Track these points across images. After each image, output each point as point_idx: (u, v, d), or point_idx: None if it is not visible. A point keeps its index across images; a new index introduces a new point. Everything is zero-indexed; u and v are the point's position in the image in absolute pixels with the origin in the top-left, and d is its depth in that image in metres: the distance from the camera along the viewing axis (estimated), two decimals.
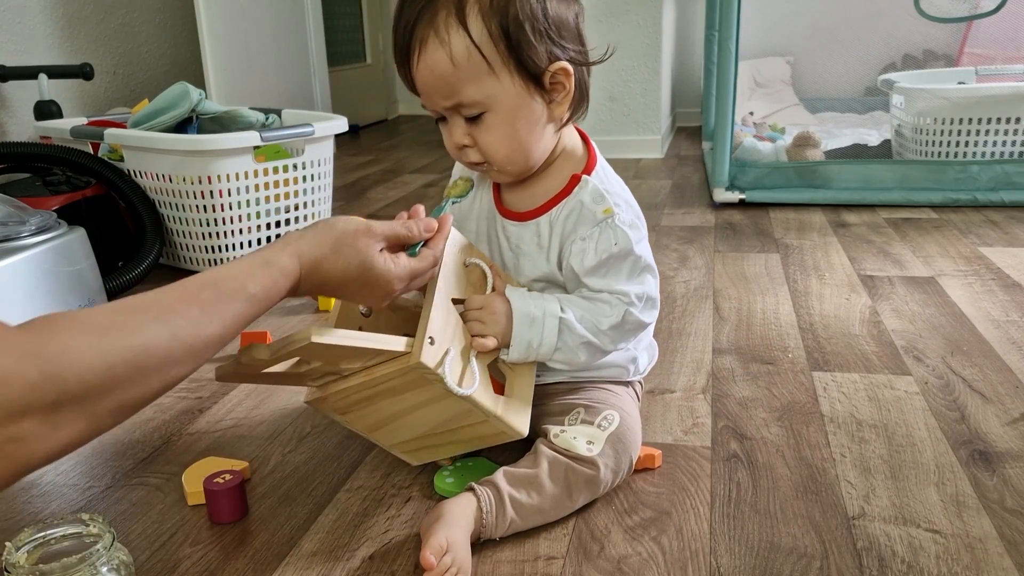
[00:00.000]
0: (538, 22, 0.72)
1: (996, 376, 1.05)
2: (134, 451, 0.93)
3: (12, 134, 2.08)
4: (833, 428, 0.93)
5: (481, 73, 0.72)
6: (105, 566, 0.63)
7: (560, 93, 0.76)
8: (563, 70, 0.75)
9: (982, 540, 0.72)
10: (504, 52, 0.72)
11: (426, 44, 0.72)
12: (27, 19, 2.11)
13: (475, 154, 0.78)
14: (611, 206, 0.78)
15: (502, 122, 0.75)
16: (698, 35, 3.43)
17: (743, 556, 0.71)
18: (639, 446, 0.83)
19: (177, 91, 1.62)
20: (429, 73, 0.73)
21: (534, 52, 0.73)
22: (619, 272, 0.79)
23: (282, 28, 2.76)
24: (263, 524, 0.78)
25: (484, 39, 0.71)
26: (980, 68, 2.44)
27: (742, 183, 2.07)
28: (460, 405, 0.73)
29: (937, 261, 1.55)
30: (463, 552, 0.68)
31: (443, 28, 0.71)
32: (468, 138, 0.77)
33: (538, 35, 0.73)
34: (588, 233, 0.78)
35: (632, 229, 0.79)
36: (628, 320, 0.79)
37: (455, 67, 0.72)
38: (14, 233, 1.14)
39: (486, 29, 0.71)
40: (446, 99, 0.74)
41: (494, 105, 0.74)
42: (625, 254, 0.78)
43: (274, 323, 1.33)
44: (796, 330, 1.23)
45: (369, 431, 0.79)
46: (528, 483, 0.74)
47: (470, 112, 0.75)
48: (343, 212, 2.05)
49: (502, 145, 0.76)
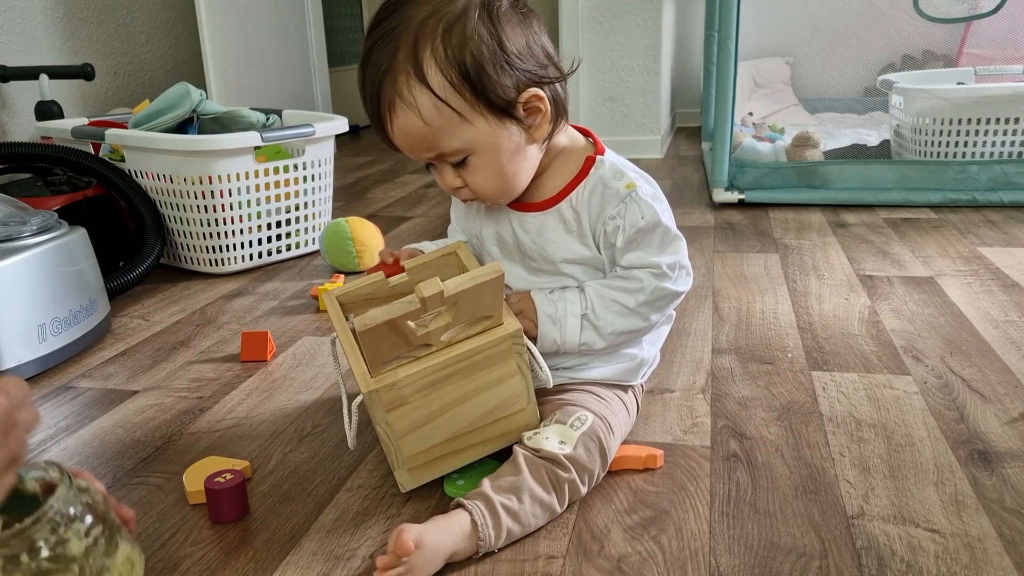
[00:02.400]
0: (496, 57, 0.72)
1: (995, 376, 1.05)
2: (135, 450, 0.93)
3: (13, 134, 2.09)
4: (832, 428, 0.93)
5: (454, 123, 0.73)
6: (72, 510, 0.58)
7: (537, 116, 0.77)
8: (535, 96, 0.75)
9: (981, 540, 0.72)
10: (471, 98, 0.72)
11: (395, 109, 0.73)
12: (28, 19, 2.11)
13: (468, 192, 0.80)
14: (632, 179, 0.81)
15: (487, 161, 0.76)
16: (698, 35, 3.43)
17: (742, 555, 0.71)
18: (615, 445, 0.83)
19: (178, 91, 1.63)
20: (405, 135, 0.74)
21: (500, 88, 0.73)
22: (650, 245, 0.81)
23: (283, 28, 2.76)
24: (264, 523, 0.78)
25: (448, 92, 0.72)
26: (979, 68, 2.45)
27: (741, 183, 2.08)
28: (514, 388, 0.77)
29: (936, 261, 1.55)
30: (426, 561, 0.67)
31: (406, 91, 0.71)
32: (459, 180, 0.78)
33: (500, 70, 0.73)
34: (616, 211, 0.80)
35: (655, 201, 0.81)
36: (660, 293, 0.81)
37: (428, 125, 0.73)
38: (15, 233, 1.14)
39: (447, 81, 0.71)
40: (428, 152, 0.76)
41: (475, 148, 0.75)
42: (653, 226, 0.80)
43: (274, 323, 1.33)
44: (795, 330, 1.23)
45: (407, 431, 0.76)
46: (515, 489, 0.73)
47: (454, 159, 0.76)
48: (343, 212, 2.05)
49: (491, 182, 0.78)
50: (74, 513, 0.58)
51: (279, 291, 1.50)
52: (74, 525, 0.58)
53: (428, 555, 0.67)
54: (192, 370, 1.15)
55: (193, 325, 1.34)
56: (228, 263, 1.59)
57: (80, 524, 0.58)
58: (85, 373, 1.16)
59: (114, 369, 1.17)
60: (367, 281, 0.83)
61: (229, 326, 1.32)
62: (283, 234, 1.66)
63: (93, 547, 0.58)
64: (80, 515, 0.59)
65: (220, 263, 1.59)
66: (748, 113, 2.81)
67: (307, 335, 1.27)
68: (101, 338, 1.28)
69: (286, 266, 1.66)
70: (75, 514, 0.58)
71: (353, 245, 1.56)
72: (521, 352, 0.77)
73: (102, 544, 0.59)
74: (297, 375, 1.12)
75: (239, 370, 1.15)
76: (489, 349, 0.75)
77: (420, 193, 2.36)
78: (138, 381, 1.12)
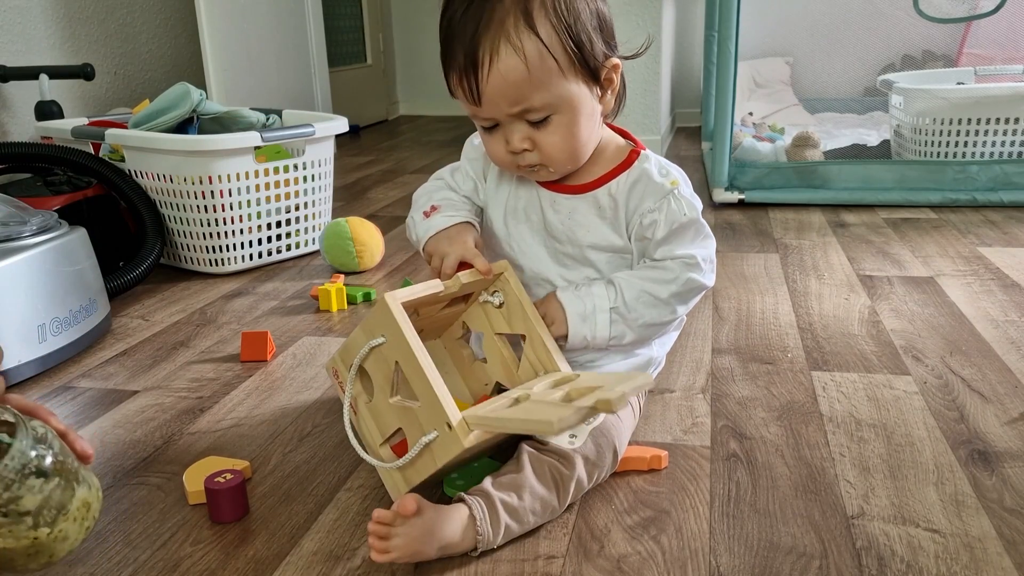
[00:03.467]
0: (595, 20, 0.76)
1: (995, 376, 1.05)
2: (135, 450, 0.93)
3: (13, 134, 2.09)
4: (832, 428, 0.93)
5: (553, 75, 0.73)
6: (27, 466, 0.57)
7: (609, 88, 0.80)
8: (615, 66, 0.78)
9: (981, 540, 0.72)
10: (571, 53, 0.74)
11: (498, 52, 0.71)
12: (28, 20, 2.11)
13: (533, 156, 0.79)
14: (676, 178, 0.82)
15: (568, 122, 0.77)
16: (698, 35, 3.43)
17: (742, 555, 0.71)
18: (625, 442, 0.83)
19: (178, 91, 1.63)
20: (502, 81, 0.72)
21: (595, 50, 0.76)
22: (683, 238, 0.82)
23: (283, 28, 2.76)
24: (264, 523, 0.78)
25: (554, 41, 0.72)
26: (979, 68, 2.45)
27: (741, 183, 2.08)
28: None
29: (936, 261, 1.55)
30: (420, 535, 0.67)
31: (514, 34, 0.71)
32: (528, 142, 0.77)
33: (596, 33, 0.76)
34: (656, 205, 0.81)
35: (695, 199, 0.83)
36: (691, 284, 0.82)
37: (529, 72, 0.72)
38: (15, 233, 1.14)
39: (554, 32, 0.72)
40: (513, 105, 0.74)
41: (562, 106, 0.75)
42: (692, 223, 0.82)
43: (274, 323, 1.33)
44: (795, 330, 1.23)
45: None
46: (516, 486, 0.73)
47: (538, 116, 0.75)
48: (343, 212, 2.05)
49: (566, 144, 0.78)
50: (28, 469, 0.58)
51: (279, 291, 1.50)
52: (28, 481, 0.58)
53: (423, 529, 0.67)
54: (192, 370, 1.15)
55: (193, 325, 1.34)
56: (228, 263, 1.59)
57: (34, 480, 0.58)
58: (85, 373, 1.16)
59: (114, 369, 1.17)
60: (423, 291, 0.78)
61: (229, 326, 1.32)
62: (283, 234, 1.66)
63: (47, 500, 0.59)
64: (35, 469, 0.58)
65: (220, 263, 1.59)
66: (748, 113, 2.80)
67: (307, 335, 1.27)
68: (101, 338, 1.28)
69: (286, 266, 1.66)
70: (29, 470, 0.58)
71: (353, 245, 1.56)
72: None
73: (57, 495, 0.59)
74: (297, 375, 1.12)
75: (239, 370, 1.15)
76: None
77: None
78: (138, 381, 1.12)
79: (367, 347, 0.76)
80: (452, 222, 0.85)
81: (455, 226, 0.85)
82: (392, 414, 0.76)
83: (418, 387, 0.72)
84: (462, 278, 0.80)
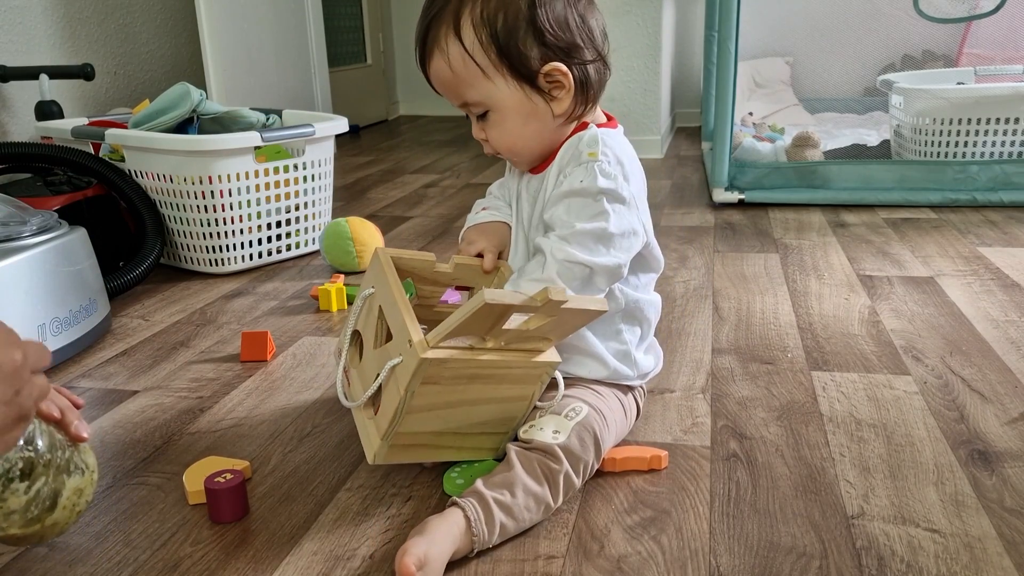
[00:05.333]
0: (529, 28, 0.78)
1: (995, 376, 1.05)
2: (135, 450, 0.93)
3: (13, 134, 2.09)
4: (832, 428, 0.93)
5: (476, 78, 0.80)
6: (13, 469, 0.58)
7: (560, 90, 0.81)
8: (557, 69, 0.80)
9: (981, 540, 0.72)
10: (495, 58, 0.79)
11: (432, 53, 0.81)
12: (28, 19, 2.11)
13: (488, 146, 0.86)
14: (599, 152, 0.81)
15: (503, 119, 0.83)
16: (698, 35, 3.43)
17: (742, 555, 0.71)
18: (609, 439, 0.83)
19: (178, 91, 1.63)
20: (436, 79, 0.83)
21: (523, 57, 0.79)
22: (568, 207, 0.81)
23: (283, 28, 2.76)
24: (264, 523, 0.78)
25: (475, 47, 0.79)
26: (979, 68, 2.45)
27: (741, 183, 2.08)
28: (517, 411, 0.80)
29: (936, 261, 1.55)
30: (435, 572, 0.67)
31: (443, 39, 0.80)
32: (482, 132, 0.85)
33: (528, 40, 0.78)
34: (570, 171, 0.82)
35: (605, 177, 0.80)
36: (570, 260, 0.79)
37: (454, 73, 0.80)
38: (15, 233, 1.14)
39: (477, 39, 0.79)
40: (455, 99, 0.84)
41: (494, 105, 0.82)
42: (586, 192, 0.80)
43: (274, 323, 1.33)
44: (795, 330, 1.23)
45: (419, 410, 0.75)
46: (508, 483, 0.73)
47: (476, 111, 0.84)
48: (343, 212, 2.05)
49: (505, 139, 0.84)
50: (11, 474, 0.58)
51: (279, 291, 1.50)
52: (11, 485, 0.58)
53: (435, 568, 0.67)
54: (192, 370, 1.15)
55: (193, 325, 1.34)
56: (228, 263, 1.59)
57: (18, 483, 0.59)
58: (85, 373, 1.16)
59: (114, 369, 1.17)
60: (417, 256, 0.85)
61: (229, 326, 1.32)
62: (283, 234, 1.66)
63: (34, 498, 0.60)
64: (18, 472, 0.59)
65: (220, 263, 1.59)
66: (748, 113, 2.80)
67: (307, 335, 1.27)
68: (101, 338, 1.28)
69: (286, 266, 1.66)
70: (13, 475, 0.59)
71: (353, 245, 1.56)
72: (544, 383, 0.79)
73: (45, 491, 0.60)
74: (297, 375, 1.12)
75: (239, 370, 1.15)
76: (529, 369, 0.77)
77: (420, 193, 2.36)
78: (138, 381, 1.12)
79: (359, 299, 0.82)
80: (490, 218, 0.93)
81: (491, 223, 0.93)
82: (375, 363, 0.79)
83: (392, 319, 0.76)
84: (456, 259, 0.87)
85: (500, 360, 0.74)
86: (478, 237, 0.90)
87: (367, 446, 0.78)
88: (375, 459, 0.77)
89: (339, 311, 1.37)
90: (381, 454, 0.77)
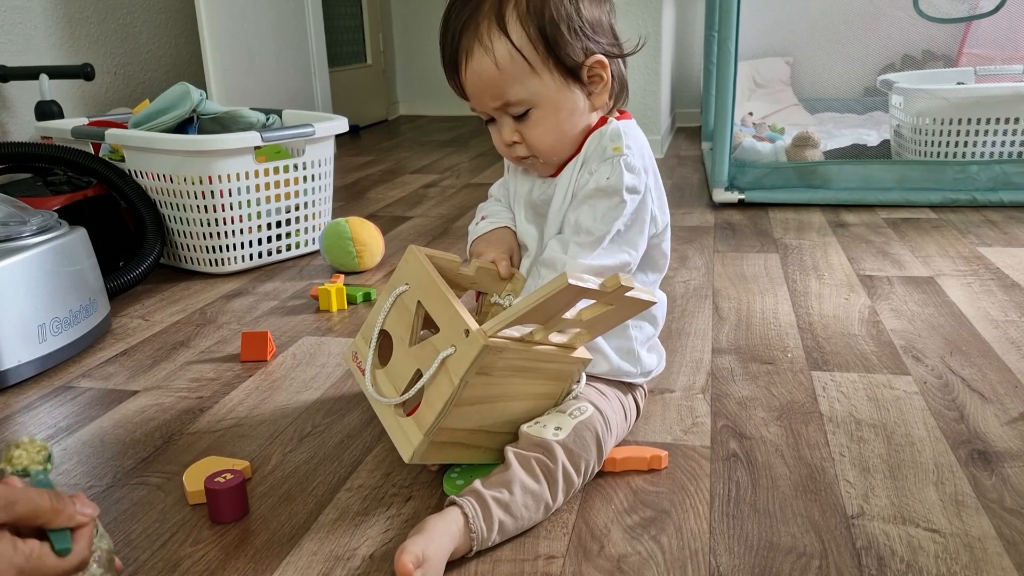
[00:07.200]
0: (572, 22, 0.79)
1: (995, 376, 1.05)
2: (135, 450, 0.93)
3: (13, 134, 2.09)
4: (832, 428, 0.93)
5: (524, 74, 0.79)
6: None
7: (599, 84, 0.83)
8: (599, 63, 0.81)
9: (981, 540, 0.72)
10: (543, 52, 0.79)
11: (472, 52, 0.79)
12: (28, 19, 2.11)
13: (523, 149, 0.84)
14: (623, 146, 0.83)
15: (546, 116, 0.82)
16: (698, 35, 3.43)
17: (742, 555, 0.71)
18: (611, 439, 0.83)
19: (178, 91, 1.63)
20: (477, 78, 0.80)
21: (570, 49, 0.79)
22: (594, 209, 0.82)
23: (283, 28, 2.76)
24: (264, 523, 0.78)
25: (524, 42, 0.78)
26: (979, 68, 2.45)
27: (741, 183, 2.08)
28: (542, 409, 0.81)
29: (936, 261, 1.55)
30: (435, 571, 0.67)
31: (486, 36, 0.78)
32: (516, 135, 0.83)
33: (573, 33, 0.79)
34: (596, 168, 0.83)
35: (630, 172, 0.82)
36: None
37: (500, 71, 0.79)
38: (15, 233, 1.14)
39: (525, 33, 0.78)
40: (494, 100, 0.81)
41: (538, 101, 0.81)
42: (611, 191, 0.82)
43: (274, 323, 1.33)
44: (795, 330, 1.23)
45: (467, 403, 0.74)
46: (506, 482, 0.73)
47: (517, 110, 0.82)
48: (343, 212, 2.05)
49: (548, 137, 0.83)
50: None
51: (279, 291, 1.50)
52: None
53: (435, 567, 0.67)
54: (192, 370, 1.15)
55: (193, 325, 1.34)
56: (228, 263, 1.59)
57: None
58: (85, 373, 1.16)
59: (114, 369, 1.17)
60: (445, 256, 0.84)
61: (229, 326, 1.33)
62: (283, 234, 1.66)
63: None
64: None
65: (220, 263, 1.59)
66: (748, 113, 2.81)
67: (307, 335, 1.27)
68: (101, 338, 1.28)
69: (286, 266, 1.66)
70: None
71: (353, 245, 1.56)
72: (573, 381, 0.82)
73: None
74: (297, 375, 1.12)
75: (239, 370, 1.15)
76: (565, 364, 0.78)
77: (420, 193, 2.36)
78: (138, 381, 1.12)
79: (392, 296, 0.80)
80: (493, 227, 0.93)
81: (496, 230, 0.92)
82: (411, 360, 0.77)
83: (439, 312, 0.75)
84: (477, 262, 0.86)
85: (547, 352, 0.76)
86: (486, 248, 0.90)
87: (403, 445, 0.77)
88: (413, 457, 0.76)
89: (339, 311, 1.37)
90: (420, 451, 0.76)
